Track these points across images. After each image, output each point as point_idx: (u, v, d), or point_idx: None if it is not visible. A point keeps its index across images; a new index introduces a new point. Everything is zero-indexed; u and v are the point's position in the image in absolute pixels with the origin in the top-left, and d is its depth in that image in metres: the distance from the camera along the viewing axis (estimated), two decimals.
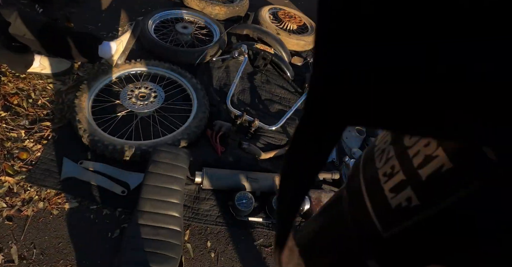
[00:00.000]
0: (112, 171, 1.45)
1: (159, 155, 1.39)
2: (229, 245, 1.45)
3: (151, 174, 1.33)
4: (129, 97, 1.68)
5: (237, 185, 1.58)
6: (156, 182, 1.33)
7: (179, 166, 1.41)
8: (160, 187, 1.32)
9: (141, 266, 1.12)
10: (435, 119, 0.22)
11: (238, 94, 2.22)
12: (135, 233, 1.19)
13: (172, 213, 1.28)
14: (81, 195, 1.39)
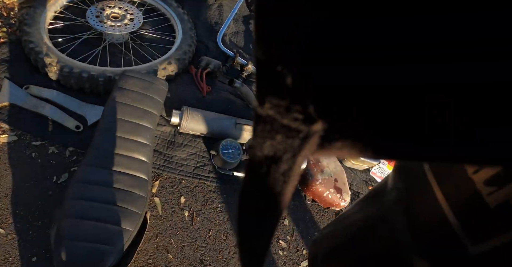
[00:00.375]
0: (66, 101, 1.12)
1: (127, 81, 1.07)
2: (207, 203, 1.18)
3: (114, 103, 1.02)
4: (97, 16, 1.33)
5: (223, 132, 1.30)
6: (121, 114, 1.01)
7: (153, 97, 1.10)
8: (125, 121, 1.00)
9: (91, 221, 0.84)
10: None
11: (230, 35, 1.91)
12: (87, 178, 0.89)
13: (138, 156, 0.98)
14: (22, 127, 1.07)
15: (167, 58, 1.37)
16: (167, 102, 1.28)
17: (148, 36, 1.51)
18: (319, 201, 1.41)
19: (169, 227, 1.07)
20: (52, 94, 1.12)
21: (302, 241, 1.28)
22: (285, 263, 1.19)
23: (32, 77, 1.16)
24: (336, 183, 1.43)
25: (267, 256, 0.23)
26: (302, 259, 1.23)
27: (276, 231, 0.18)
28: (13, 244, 0.87)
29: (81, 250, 0.81)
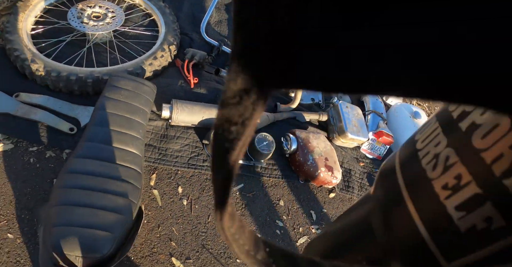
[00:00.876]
0: (58, 104, 1.14)
1: (118, 81, 1.09)
2: (204, 191, 1.23)
3: (107, 99, 1.03)
4: (79, 17, 1.34)
5: (213, 121, 1.34)
6: (113, 109, 1.03)
7: (143, 96, 1.13)
8: (117, 115, 1.02)
9: (84, 208, 0.80)
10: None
11: (213, 25, 1.91)
12: (78, 169, 0.88)
13: (131, 150, 1.00)
14: (17, 134, 1.08)
15: (152, 53, 1.39)
16: (156, 96, 1.31)
17: (132, 32, 1.51)
18: (312, 180, 1.47)
19: (169, 216, 1.12)
20: (42, 99, 1.14)
21: (297, 219, 1.34)
22: (283, 241, 1.25)
23: (21, 84, 1.17)
24: (326, 162, 1.48)
25: (230, 188, 0.26)
26: (299, 237, 1.29)
27: (235, 171, 0.23)
28: (22, 247, 0.92)
29: (74, 234, 0.75)
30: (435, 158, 0.33)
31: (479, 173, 0.27)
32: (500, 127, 0.25)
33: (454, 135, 0.31)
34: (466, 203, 0.28)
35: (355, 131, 1.73)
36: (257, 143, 1.37)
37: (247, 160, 1.37)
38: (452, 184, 0.29)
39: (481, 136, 0.27)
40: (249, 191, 1.31)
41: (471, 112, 0.30)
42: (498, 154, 0.25)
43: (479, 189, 0.27)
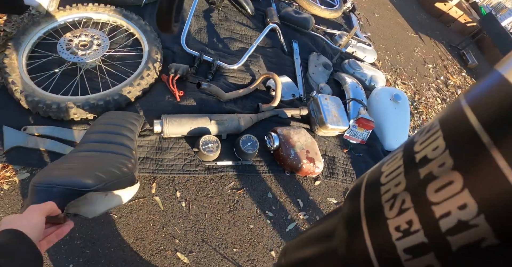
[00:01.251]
0: (63, 132, 1.29)
1: (107, 113, 1.24)
2: (199, 192, 1.40)
3: (100, 120, 1.15)
4: (68, 48, 1.48)
5: (200, 130, 1.49)
6: (106, 122, 1.13)
7: (132, 121, 1.25)
8: (110, 125, 1.11)
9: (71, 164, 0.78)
10: None
11: (194, 33, 2.04)
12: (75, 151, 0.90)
13: (125, 142, 1.04)
14: (31, 164, 1.21)
15: (139, 73, 1.53)
16: (147, 113, 1.46)
17: (118, 55, 1.65)
18: (296, 172, 1.63)
19: (171, 218, 1.29)
20: (48, 129, 1.28)
21: (286, 208, 1.51)
22: (274, 229, 1.42)
23: (27, 118, 1.32)
24: (308, 154, 1.63)
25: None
26: (288, 223, 1.47)
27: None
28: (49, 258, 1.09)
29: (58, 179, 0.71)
30: (393, 198, 0.33)
31: (428, 224, 0.28)
32: (453, 185, 0.26)
33: (413, 180, 0.32)
34: (413, 248, 0.29)
35: (335, 121, 1.87)
36: (242, 144, 1.53)
37: (235, 161, 1.53)
38: (404, 228, 0.30)
39: (435, 189, 0.28)
40: (240, 188, 1.47)
41: (431, 160, 0.30)
42: (446, 211, 0.26)
43: (426, 239, 0.28)
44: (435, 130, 0.32)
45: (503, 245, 0.22)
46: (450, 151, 0.28)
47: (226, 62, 1.92)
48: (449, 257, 0.26)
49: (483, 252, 0.23)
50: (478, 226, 0.23)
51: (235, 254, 1.30)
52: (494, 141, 0.23)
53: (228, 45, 2.12)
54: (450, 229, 0.25)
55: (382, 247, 0.33)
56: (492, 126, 0.24)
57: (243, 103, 1.82)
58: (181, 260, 1.21)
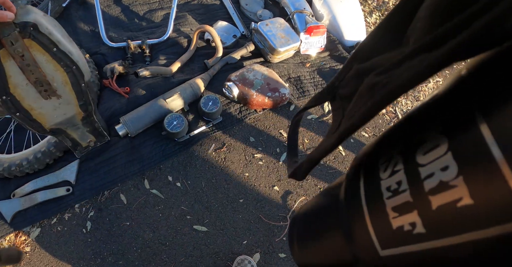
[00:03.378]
0: (45, 180, 1.36)
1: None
2: (188, 167, 1.46)
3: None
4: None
5: (161, 113, 1.50)
6: None
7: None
8: None
9: None
10: None
11: (113, 26, 1.97)
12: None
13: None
14: (36, 219, 1.31)
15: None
16: (108, 121, 1.50)
17: None
18: (266, 107, 1.64)
19: (175, 201, 1.38)
20: (32, 184, 1.36)
21: (271, 144, 1.55)
22: (268, 167, 1.48)
23: (9, 184, 1.37)
24: (269, 86, 1.62)
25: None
26: (279, 156, 1.52)
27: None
28: None
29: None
30: (388, 161, 0.34)
31: (414, 184, 0.29)
32: (439, 148, 0.27)
33: (406, 144, 0.32)
34: (400, 206, 0.30)
35: (284, 42, 1.81)
36: (204, 106, 1.54)
37: (206, 124, 1.56)
38: (394, 188, 0.31)
39: (424, 152, 0.29)
40: (222, 147, 1.52)
41: (427, 128, 0.30)
42: (430, 172, 0.27)
43: (411, 198, 0.29)
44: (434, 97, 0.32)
45: (476, 204, 0.23)
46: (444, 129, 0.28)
47: (156, 37, 1.87)
48: (429, 215, 0.27)
49: (459, 211, 0.24)
50: (456, 187, 0.24)
51: (242, 204, 1.38)
52: (483, 114, 0.24)
53: (151, 18, 2.04)
54: (432, 189, 0.26)
55: (374, 205, 0.35)
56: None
57: (190, 67, 1.79)
58: (199, 231, 1.32)
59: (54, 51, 0.99)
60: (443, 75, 2.04)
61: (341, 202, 0.44)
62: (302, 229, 0.60)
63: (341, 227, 0.43)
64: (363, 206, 0.37)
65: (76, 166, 1.41)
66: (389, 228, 0.31)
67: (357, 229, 0.38)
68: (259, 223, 1.35)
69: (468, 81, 0.27)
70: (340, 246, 0.43)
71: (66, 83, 1.11)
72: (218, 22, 1.99)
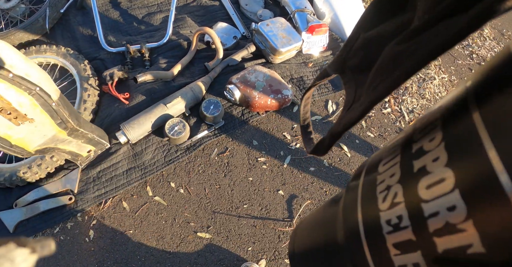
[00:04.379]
0: (47, 189, 1.36)
1: None
2: (190, 173, 1.44)
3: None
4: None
5: (162, 119, 1.48)
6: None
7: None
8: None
9: None
10: None
11: (111, 30, 1.95)
12: None
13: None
14: (38, 229, 1.30)
15: (80, 98, 1.52)
16: (108, 129, 1.49)
17: None
18: (269, 109, 1.61)
19: (178, 208, 1.37)
20: (33, 194, 1.35)
21: (275, 147, 1.52)
22: (272, 171, 1.46)
23: (11, 194, 1.38)
24: (272, 88, 1.60)
25: None
26: (283, 159, 1.49)
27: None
28: None
29: None
30: (387, 189, 0.32)
31: (416, 222, 0.27)
32: (444, 183, 0.24)
33: (406, 173, 0.30)
34: (401, 244, 0.28)
35: (285, 42, 1.78)
36: (206, 110, 1.52)
37: (208, 128, 1.54)
38: (394, 223, 0.29)
39: (426, 185, 0.26)
40: (224, 151, 1.50)
41: (426, 153, 0.28)
42: (435, 211, 0.25)
43: (414, 236, 0.27)
44: (436, 117, 0.30)
45: (489, 254, 0.20)
46: (446, 144, 0.26)
47: (155, 40, 1.85)
48: (435, 259, 0.25)
49: (468, 258, 0.22)
50: (465, 231, 0.22)
51: (247, 209, 1.36)
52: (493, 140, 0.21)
53: (150, 22, 2.02)
54: (437, 230, 0.24)
55: (373, 239, 0.33)
56: (492, 124, 0.22)
57: (191, 70, 1.77)
58: (204, 238, 1.30)
59: (11, 77, 0.95)
60: (448, 71, 2.00)
61: (340, 239, 0.42)
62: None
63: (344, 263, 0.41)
64: (363, 240, 0.35)
65: (77, 174, 1.40)
66: (391, 265, 0.30)
67: (358, 259, 0.36)
68: (264, 229, 1.33)
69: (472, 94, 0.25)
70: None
71: (35, 106, 1.06)
72: (218, 24, 1.97)
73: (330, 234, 0.47)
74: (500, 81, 0.22)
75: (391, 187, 0.31)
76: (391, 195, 0.31)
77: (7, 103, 0.99)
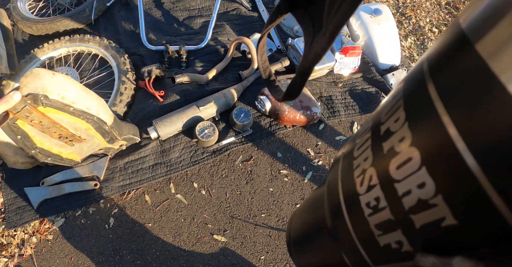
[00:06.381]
0: (74, 172, 1.42)
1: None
2: (214, 176, 1.50)
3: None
4: None
5: (193, 120, 1.55)
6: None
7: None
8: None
9: None
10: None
11: (153, 28, 2.04)
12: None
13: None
14: (62, 210, 1.36)
15: (117, 90, 1.60)
16: (140, 123, 1.56)
17: (91, 81, 1.72)
18: (297, 124, 1.67)
19: (197, 208, 1.42)
20: (62, 175, 1.42)
21: (298, 161, 1.57)
22: (292, 184, 1.51)
23: (39, 172, 1.43)
24: (302, 103, 1.66)
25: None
26: (305, 174, 1.54)
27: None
28: None
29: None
30: (363, 173, 0.33)
31: (393, 202, 0.27)
32: (412, 162, 0.25)
33: (378, 155, 0.30)
34: (382, 224, 0.29)
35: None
36: (236, 118, 1.59)
37: (236, 135, 1.60)
38: (373, 205, 0.30)
39: (396, 165, 0.27)
40: (249, 159, 1.56)
41: (393, 134, 0.28)
42: (407, 189, 0.25)
43: (392, 216, 0.27)
44: (398, 97, 0.30)
45: (462, 225, 0.21)
46: (409, 123, 0.26)
47: (193, 43, 1.93)
48: (415, 234, 0.25)
49: (444, 231, 0.22)
50: (437, 206, 0.22)
51: (264, 219, 1.41)
52: (451, 115, 0.22)
53: (190, 25, 2.11)
54: (412, 207, 0.25)
55: (358, 223, 0.34)
56: (450, 99, 0.23)
57: (225, 77, 1.84)
58: (219, 241, 1.35)
59: (72, 111, 1.05)
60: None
61: (328, 223, 0.43)
62: (298, 247, 0.60)
63: (334, 245, 0.42)
64: (348, 224, 0.36)
65: (105, 162, 1.46)
66: (377, 245, 0.30)
67: (346, 245, 0.37)
68: (278, 240, 1.37)
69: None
70: (337, 261, 0.41)
71: (89, 129, 1.18)
72: (254, 34, 2.04)
73: (320, 217, 0.47)
74: (450, 54, 0.24)
75: (366, 171, 0.32)
76: (367, 179, 0.31)
77: (66, 131, 1.08)
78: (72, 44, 1.76)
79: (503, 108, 0.18)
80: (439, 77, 0.24)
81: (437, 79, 0.24)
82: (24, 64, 1.67)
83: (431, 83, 0.24)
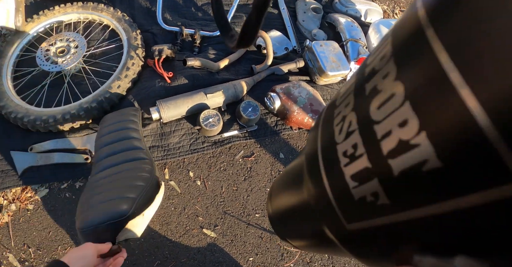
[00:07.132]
0: (67, 143, 1.34)
1: (105, 119, 1.29)
2: (211, 168, 1.44)
3: (101, 129, 1.22)
4: (47, 58, 1.49)
5: (198, 107, 1.50)
6: (108, 126, 1.21)
7: (131, 119, 1.26)
8: (112, 125, 1.20)
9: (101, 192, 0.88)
10: None
11: (169, 8, 1.97)
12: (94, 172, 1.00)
13: (138, 154, 1.07)
14: (47, 180, 1.29)
15: (124, 64, 1.53)
16: (142, 101, 1.49)
17: (98, 51, 1.64)
18: (303, 127, 1.62)
19: (190, 198, 1.35)
20: (52, 143, 1.34)
21: None
22: None
23: (30, 137, 1.36)
24: (312, 107, 1.62)
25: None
26: None
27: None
28: None
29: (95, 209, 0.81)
30: (342, 120, 0.30)
31: (370, 147, 0.25)
32: (394, 98, 0.23)
33: (359, 98, 0.28)
34: (358, 174, 0.27)
35: (334, 67, 1.81)
36: (243, 111, 1.53)
37: (240, 129, 1.55)
38: (350, 153, 0.28)
39: (377, 105, 0.25)
40: (250, 155, 1.50)
41: (376, 72, 0.26)
42: (387, 130, 0.23)
43: (369, 163, 0.25)
44: (387, 36, 0.28)
45: (446, 167, 0.19)
46: (395, 58, 0.24)
47: (209, 30, 1.88)
48: (392, 183, 0.23)
49: (425, 177, 0.20)
50: (419, 146, 0.20)
51: (258, 219, 1.35)
52: (441, 39, 0.19)
53: (208, 11, 2.05)
54: (391, 151, 0.23)
55: (333, 175, 0.32)
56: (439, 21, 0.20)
57: (236, 68, 1.79)
58: (208, 235, 1.28)
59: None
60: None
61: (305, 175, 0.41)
62: (279, 221, 0.59)
63: (312, 210, 0.39)
64: (324, 178, 0.33)
65: None
66: (351, 200, 0.28)
67: (321, 202, 0.35)
68: (270, 243, 1.32)
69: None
70: (314, 224, 0.40)
71: None
72: (272, 31, 2.00)
73: (298, 180, 0.45)
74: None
75: (346, 117, 0.30)
76: (346, 125, 0.30)
77: None
78: (84, 11, 1.68)
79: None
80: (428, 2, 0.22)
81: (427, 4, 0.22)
82: (31, 24, 1.58)
83: (423, 9, 0.22)
